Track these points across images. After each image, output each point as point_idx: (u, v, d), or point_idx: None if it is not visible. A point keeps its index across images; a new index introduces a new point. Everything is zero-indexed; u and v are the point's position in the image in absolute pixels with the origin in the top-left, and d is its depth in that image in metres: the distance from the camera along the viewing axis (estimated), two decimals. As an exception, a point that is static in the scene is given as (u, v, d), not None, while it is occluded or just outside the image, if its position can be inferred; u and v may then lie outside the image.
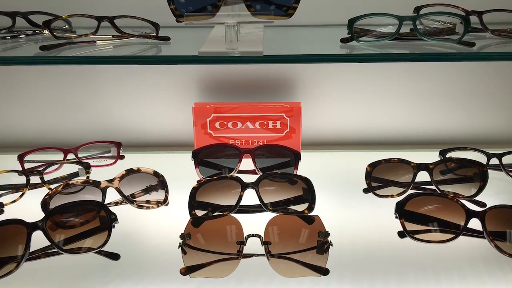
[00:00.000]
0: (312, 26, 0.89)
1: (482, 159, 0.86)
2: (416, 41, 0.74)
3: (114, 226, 0.69)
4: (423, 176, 0.80)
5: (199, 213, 0.74)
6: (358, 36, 0.72)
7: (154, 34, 0.78)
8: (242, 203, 0.74)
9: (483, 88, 0.99)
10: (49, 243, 0.65)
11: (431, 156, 0.88)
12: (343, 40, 0.73)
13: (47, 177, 0.85)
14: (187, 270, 0.65)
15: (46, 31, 0.74)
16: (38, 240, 0.65)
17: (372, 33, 0.73)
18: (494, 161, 0.87)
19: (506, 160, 0.87)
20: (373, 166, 0.82)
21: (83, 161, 0.89)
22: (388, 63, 0.94)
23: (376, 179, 0.82)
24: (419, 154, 0.92)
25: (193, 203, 0.74)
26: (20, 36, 0.80)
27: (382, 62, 0.92)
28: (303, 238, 0.68)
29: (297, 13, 0.68)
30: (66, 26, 0.82)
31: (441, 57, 0.72)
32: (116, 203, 0.79)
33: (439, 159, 0.89)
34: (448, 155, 0.90)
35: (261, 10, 0.67)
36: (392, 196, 0.80)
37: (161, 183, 0.80)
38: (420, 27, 0.74)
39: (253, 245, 0.66)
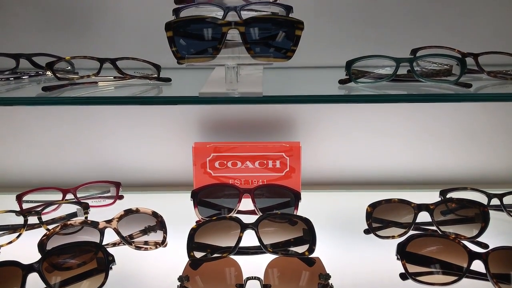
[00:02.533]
0: (311, 67, 0.91)
1: (483, 199, 0.85)
2: (413, 82, 0.75)
3: (111, 268, 0.68)
4: (424, 216, 0.80)
5: (198, 254, 0.73)
6: (356, 77, 0.74)
7: (156, 75, 0.79)
8: (242, 244, 0.73)
9: (481, 128, 1.00)
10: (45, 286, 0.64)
11: (432, 196, 0.88)
12: (342, 81, 0.74)
13: (45, 218, 0.84)
14: (185, 314, 0.63)
15: (49, 72, 0.75)
16: (34, 282, 0.64)
17: (369, 75, 0.75)
18: (495, 201, 0.87)
19: (507, 200, 0.87)
20: (373, 206, 0.81)
21: (81, 201, 0.88)
22: (387, 103, 0.95)
23: (377, 219, 0.81)
24: (419, 194, 0.92)
25: (192, 245, 0.73)
26: (23, 77, 0.82)
27: (380, 103, 0.93)
28: (304, 281, 0.66)
29: (296, 55, 0.69)
30: (69, 68, 0.83)
31: (439, 98, 0.73)
32: (114, 244, 0.78)
33: (439, 199, 0.89)
34: (448, 195, 0.90)
35: (260, 53, 0.68)
36: (393, 237, 0.79)
37: (159, 224, 0.79)
38: (417, 69, 0.75)
39: (253, 288, 0.65)
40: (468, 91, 0.71)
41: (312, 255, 0.71)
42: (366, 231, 0.82)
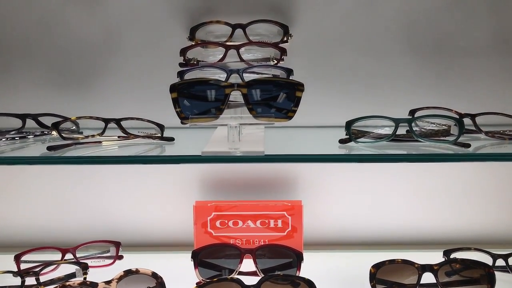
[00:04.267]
0: (312, 127, 0.93)
1: (488, 260, 0.84)
2: (413, 142, 0.76)
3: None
4: (428, 277, 0.78)
5: (198, 317, 0.71)
6: (356, 137, 0.75)
7: (159, 134, 0.80)
8: (243, 306, 0.71)
9: (483, 187, 1.00)
10: None
11: (435, 257, 0.87)
12: (342, 141, 0.75)
13: (43, 278, 0.82)
14: None
15: (54, 132, 0.76)
16: None
17: (369, 135, 0.76)
18: (500, 262, 0.85)
19: (512, 261, 0.85)
20: (377, 267, 0.80)
21: (81, 261, 0.87)
22: (387, 163, 0.96)
23: (381, 281, 0.80)
24: (423, 254, 0.91)
25: (192, 306, 0.72)
26: (28, 136, 0.83)
27: (381, 162, 0.93)
28: None
29: (297, 115, 0.70)
30: (74, 127, 0.85)
31: (439, 158, 0.74)
32: (112, 306, 0.76)
33: (443, 259, 0.87)
34: (452, 256, 0.88)
35: (262, 113, 0.70)
36: (398, 299, 0.78)
37: (159, 285, 0.77)
38: (416, 129, 0.76)
39: None
40: (467, 151, 0.72)
41: (315, 318, 0.70)
42: (370, 293, 0.80)
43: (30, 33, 0.92)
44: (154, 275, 0.77)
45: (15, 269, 0.84)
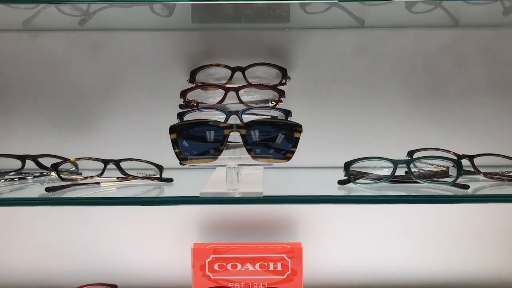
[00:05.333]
0: (310, 168, 0.93)
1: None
2: (411, 184, 0.76)
3: None
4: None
5: None
6: (355, 178, 0.75)
7: (158, 176, 0.80)
8: None
9: (483, 229, 0.99)
10: None
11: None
12: (341, 182, 0.75)
13: (36, 323, 0.81)
14: None
15: (53, 173, 0.77)
16: None
17: (368, 176, 0.76)
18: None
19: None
20: (378, 311, 0.78)
21: (75, 305, 0.85)
22: (387, 204, 0.95)
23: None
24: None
25: None
26: (27, 177, 0.83)
27: (380, 204, 0.93)
28: None
29: (296, 156, 0.71)
30: (73, 168, 0.85)
31: (438, 199, 0.73)
32: None
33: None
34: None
35: (261, 154, 0.70)
36: None
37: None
38: (415, 170, 0.77)
39: None
40: (466, 193, 0.72)
41: None
42: None
43: (32, 74, 0.94)
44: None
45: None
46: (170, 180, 0.80)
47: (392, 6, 0.76)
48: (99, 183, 0.78)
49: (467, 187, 0.72)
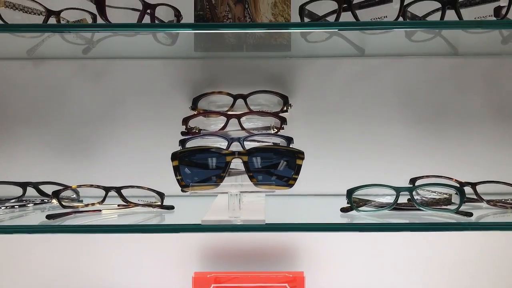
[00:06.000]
0: (313, 195, 0.92)
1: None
2: (414, 211, 0.75)
3: None
4: None
5: None
6: (357, 205, 0.74)
7: (159, 203, 0.80)
8: None
9: (486, 257, 0.98)
10: None
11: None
12: (343, 210, 0.75)
13: None
14: None
15: (54, 200, 0.76)
16: None
17: (371, 203, 0.76)
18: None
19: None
20: None
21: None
22: (390, 232, 0.95)
23: None
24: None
25: None
26: (28, 205, 0.82)
27: (383, 231, 0.92)
28: None
29: (298, 183, 0.71)
30: (74, 196, 0.85)
31: (441, 227, 0.73)
32: None
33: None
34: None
35: (263, 181, 0.70)
36: None
37: None
38: (417, 198, 0.76)
39: None
40: (470, 220, 0.71)
41: None
42: None
43: (35, 102, 0.95)
44: None
45: None
46: (171, 207, 0.80)
47: (392, 34, 0.77)
48: (100, 210, 0.78)
49: (470, 214, 0.72)
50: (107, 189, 0.79)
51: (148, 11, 0.77)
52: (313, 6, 0.80)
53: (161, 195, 0.81)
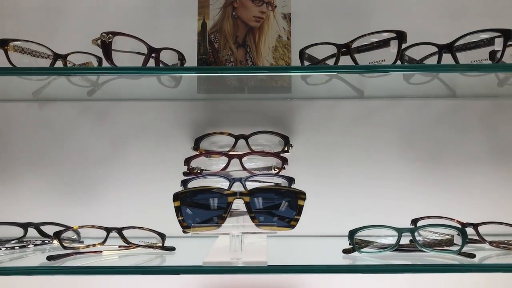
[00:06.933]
0: (314, 236, 0.92)
1: None
2: (417, 252, 0.75)
3: None
4: None
5: None
6: (359, 247, 0.74)
7: (160, 244, 0.79)
8: None
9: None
10: None
11: None
12: (346, 251, 0.74)
13: None
14: None
15: (55, 241, 0.76)
16: None
17: (373, 244, 0.75)
18: None
19: None
20: None
21: None
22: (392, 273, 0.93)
23: None
24: None
25: None
26: (28, 246, 0.82)
27: (386, 273, 0.91)
28: None
29: (299, 223, 0.70)
30: (75, 236, 0.84)
31: (444, 268, 0.72)
32: None
33: None
34: None
35: (264, 222, 0.70)
36: None
37: None
38: (419, 239, 0.76)
39: None
40: (473, 261, 0.71)
41: None
42: None
43: (39, 143, 0.95)
44: None
45: None
46: (172, 248, 0.79)
47: (390, 77, 0.79)
48: (101, 251, 0.78)
49: (473, 256, 0.71)
50: (108, 230, 0.79)
51: (153, 54, 0.79)
52: (312, 50, 0.83)
53: (162, 236, 0.81)
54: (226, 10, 0.80)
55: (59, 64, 0.81)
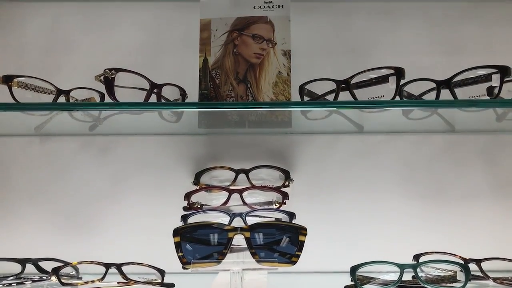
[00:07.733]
0: (315, 272, 0.91)
1: None
2: (419, 289, 0.74)
3: None
4: None
5: None
6: (361, 283, 0.73)
7: (160, 280, 0.78)
8: None
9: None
10: None
11: None
12: (347, 288, 0.74)
13: None
14: None
15: (53, 278, 0.75)
16: None
17: (375, 281, 0.74)
18: None
19: None
20: None
21: None
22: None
23: None
24: None
25: None
26: (26, 282, 0.81)
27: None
28: None
29: (301, 259, 0.70)
30: (74, 272, 0.83)
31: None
32: None
33: None
34: None
35: (265, 258, 0.70)
36: None
37: None
38: (422, 275, 0.75)
39: None
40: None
41: None
42: None
43: (39, 178, 0.96)
44: None
45: None
46: (171, 285, 0.78)
47: (389, 113, 0.80)
48: (99, 288, 0.77)
49: (477, 293, 0.70)
50: (107, 266, 0.78)
51: (155, 90, 0.80)
52: (312, 85, 0.84)
53: (162, 272, 0.80)
54: (228, 47, 0.82)
55: (61, 99, 0.82)
